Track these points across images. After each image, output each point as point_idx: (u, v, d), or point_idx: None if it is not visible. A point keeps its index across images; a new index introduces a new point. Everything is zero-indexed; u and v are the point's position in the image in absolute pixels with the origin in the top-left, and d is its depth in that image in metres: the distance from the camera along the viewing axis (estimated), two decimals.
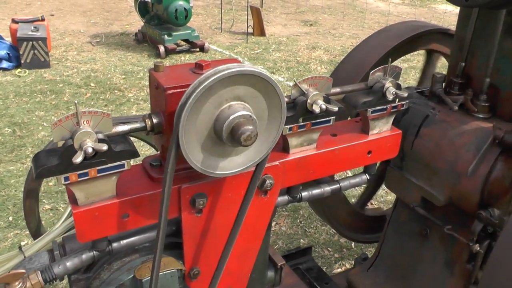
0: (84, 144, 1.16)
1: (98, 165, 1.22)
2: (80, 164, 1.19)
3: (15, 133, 5.25)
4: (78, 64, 7.49)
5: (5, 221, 3.90)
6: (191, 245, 1.50)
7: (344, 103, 1.67)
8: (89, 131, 1.18)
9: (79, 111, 1.17)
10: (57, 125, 1.17)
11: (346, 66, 2.51)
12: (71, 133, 1.19)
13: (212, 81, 1.13)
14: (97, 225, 1.31)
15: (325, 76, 1.51)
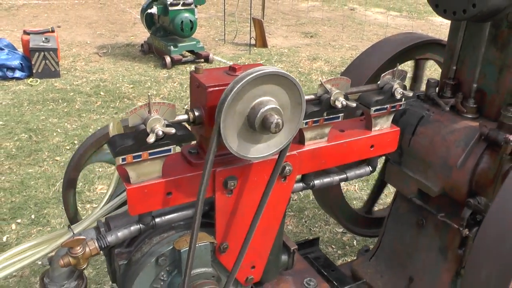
0: (155, 128, 1.43)
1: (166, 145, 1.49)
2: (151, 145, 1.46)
3: (31, 139, 5.50)
4: (87, 74, 7.76)
5: (28, 218, 4.14)
6: (222, 222, 1.76)
7: (359, 101, 1.94)
8: (158, 118, 1.45)
9: (151, 102, 1.45)
10: (133, 113, 1.44)
11: (352, 72, 2.78)
12: (143, 120, 1.46)
13: (248, 80, 1.41)
14: (145, 200, 1.58)
15: (345, 78, 1.80)
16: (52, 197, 4.41)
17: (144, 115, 1.48)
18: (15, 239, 3.88)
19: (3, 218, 4.12)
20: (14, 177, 4.73)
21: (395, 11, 14.02)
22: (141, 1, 13.93)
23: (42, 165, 4.98)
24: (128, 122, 1.48)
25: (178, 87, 7.13)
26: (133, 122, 1.48)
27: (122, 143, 1.47)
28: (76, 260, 1.60)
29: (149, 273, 1.74)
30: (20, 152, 5.21)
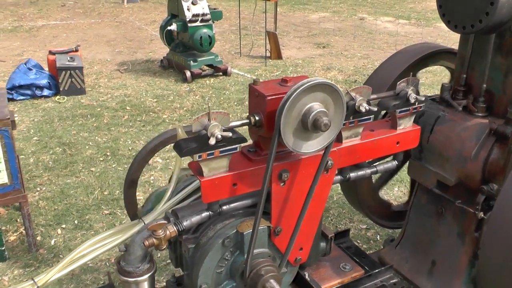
0: (215, 133, 1.78)
1: (223, 147, 1.83)
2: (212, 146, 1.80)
3: (65, 152, 5.87)
4: (111, 90, 8.14)
5: (72, 224, 4.48)
6: (276, 209, 2.11)
7: (379, 106, 2.29)
8: (217, 124, 1.79)
9: (211, 111, 1.79)
10: (196, 121, 1.79)
11: (374, 80, 3.12)
12: (203, 126, 1.80)
13: (303, 89, 1.76)
14: (215, 190, 1.92)
15: (367, 86, 2.14)
16: (92, 204, 4.75)
17: (204, 122, 1.82)
18: (62, 242, 4.22)
19: (49, 224, 4.46)
20: (54, 187, 5.09)
21: (404, 19, 14.36)
22: (155, 18, 14.41)
23: (78, 175, 5.32)
24: (192, 129, 1.82)
25: (200, 100, 7.49)
26: (196, 128, 1.83)
27: (187, 146, 1.81)
28: (158, 241, 1.95)
29: (216, 253, 2.08)
30: (57, 164, 5.57)
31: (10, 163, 3.84)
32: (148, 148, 2.69)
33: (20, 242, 4.24)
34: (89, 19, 14.56)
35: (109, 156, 5.70)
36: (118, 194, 4.88)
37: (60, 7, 16.39)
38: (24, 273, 3.85)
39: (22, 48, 11.06)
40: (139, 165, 2.72)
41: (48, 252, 4.09)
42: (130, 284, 2.21)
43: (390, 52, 10.32)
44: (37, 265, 3.95)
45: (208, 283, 2.11)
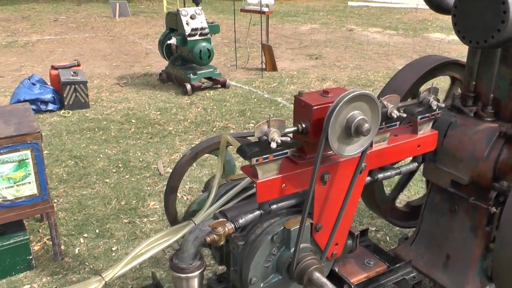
0: (275, 138, 2.02)
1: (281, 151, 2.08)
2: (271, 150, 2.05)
3: (78, 165, 6.05)
4: (114, 103, 8.34)
5: (93, 233, 4.66)
6: (318, 207, 2.35)
7: (405, 112, 2.56)
8: (276, 131, 2.04)
9: (270, 119, 2.04)
10: (258, 128, 2.03)
11: (389, 89, 3.39)
12: (263, 132, 2.05)
13: (348, 99, 2.01)
14: (268, 191, 2.16)
15: (396, 95, 2.41)
16: (110, 214, 4.94)
17: (264, 129, 2.07)
18: (86, 250, 4.40)
19: (71, 234, 4.64)
20: (71, 198, 5.27)
21: (391, 29, 14.75)
22: (147, 32, 14.66)
23: (94, 187, 5.51)
24: (255, 134, 2.07)
25: (202, 112, 7.72)
26: (258, 134, 2.07)
27: (250, 150, 2.05)
28: (218, 237, 2.19)
29: (266, 248, 2.32)
30: (71, 177, 5.75)
31: (39, 175, 4.04)
32: (188, 157, 2.92)
33: (45, 251, 4.41)
34: (83, 33, 14.76)
35: (121, 168, 5.90)
36: (135, 204, 5.07)
37: (52, 22, 16.57)
38: (53, 281, 4.03)
39: (19, 63, 11.22)
40: (180, 173, 2.95)
41: (73, 260, 4.28)
42: (182, 280, 2.43)
43: (382, 63, 10.71)
44: (64, 272, 4.12)
45: (257, 276, 2.34)
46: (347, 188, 2.33)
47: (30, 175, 4.00)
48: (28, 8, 19.32)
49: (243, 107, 7.86)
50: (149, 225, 4.69)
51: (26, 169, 3.98)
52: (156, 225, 4.68)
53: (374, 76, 9.64)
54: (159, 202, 5.09)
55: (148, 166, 5.91)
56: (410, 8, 19.21)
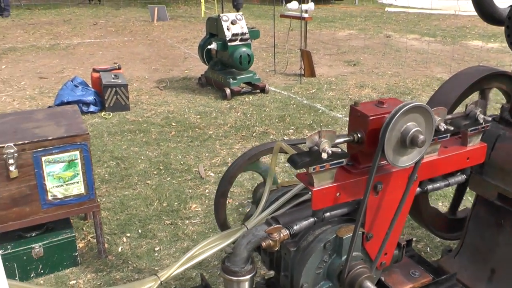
0: (325, 149, 2.06)
1: (331, 161, 2.11)
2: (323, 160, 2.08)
3: (119, 165, 6.17)
4: (154, 106, 8.47)
5: (136, 233, 4.75)
6: (370, 216, 2.38)
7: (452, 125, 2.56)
8: (327, 141, 2.07)
9: (321, 130, 2.07)
10: (309, 138, 2.07)
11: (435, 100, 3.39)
12: (314, 143, 2.08)
13: (405, 110, 2.03)
14: (323, 199, 2.20)
15: (443, 107, 2.42)
16: (152, 215, 5.03)
17: (315, 139, 2.10)
18: (129, 249, 4.49)
19: (113, 233, 4.74)
20: (113, 198, 5.38)
21: (429, 36, 14.61)
22: (185, 36, 14.81)
23: (135, 188, 5.62)
24: (306, 144, 2.11)
25: (242, 117, 7.78)
26: (309, 144, 2.11)
27: (301, 160, 2.09)
28: (274, 243, 2.23)
29: (318, 255, 2.35)
30: (112, 177, 5.87)
31: (87, 175, 4.15)
32: (239, 162, 2.97)
33: (89, 249, 4.52)
34: (122, 37, 15.00)
35: (162, 170, 5.99)
36: (177, 206, 5.15)
37: (92, 26, 16.88)
38: (97, 277, 4.14)
39: (61, 65, 11.46)
40: (231, 178, 3.00)
41: (116, 259, 4.37)
42: (233, 283, 2.48)
43: (420, 70, 10.63)
44: (108, 270, 4.22)
45: (308, 282, 2.38)
46: (399, 199, 2.35)
47: (79, 175, 4.12)
48: (69, 12, 19.71)
49: (282, 112, 7.90)
50: (191, 227, 4.76)
51: (75, 169, 4.10)
52: (198, 228, 4.75)
53: (412, 84, 9.58)
54: (200, 205, 5.16)
55: (189, 169, 5.99)
56: (448, 15, 19.01)
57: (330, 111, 7.96)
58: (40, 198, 4.04)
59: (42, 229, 4.21)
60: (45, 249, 4.14)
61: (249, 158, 2.99)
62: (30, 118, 4.39)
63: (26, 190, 3.95)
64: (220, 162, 6.15)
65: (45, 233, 4.21)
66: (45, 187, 4.03)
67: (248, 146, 6.60)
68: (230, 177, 3.01)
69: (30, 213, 3.99)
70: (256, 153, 2.99)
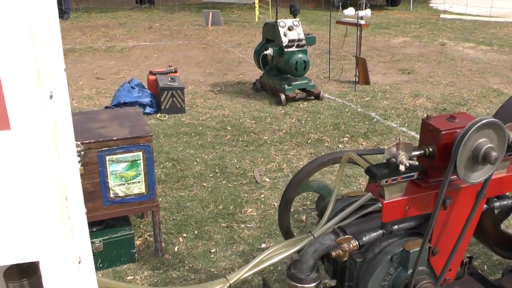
0: (403, 162, 2.08)
1: (406, 173, 2.14)
2: (400, 172, 2.11)
3: (175, 167, 6.31)
4: (209, 110, 8.60)
5: (192, 234, 4.86)
6: (437, 231, 2.39)
7: None
8: (405, 154, 2.10)
9: (399, 142, 2.10)
10: (388, 150, 2.10)
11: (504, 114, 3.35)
12: (393, 155, 2.11)
13: (479, 126, 2.04)
14: (393, 212, 2.22)
15: None
16: (208, 217, 5.13)
17: (393, 151, 2.13)
18: (185, 250, 4.60)
19: (170, 232, 4.86)
20: (169, 199, 5.51)
21: (485, 45, 14.30)
22: (239, 41, 14.94)
23: (191, 189, 5.73)
24: (384, 156, 2.14)
25: (297, 123, 7.82)
26: (387, 156, 2.14)
27: (379, 172, 2.12)
28: (343, 253, 2.27)
29: (384, 268, 2.38)
30: (169, 178, 6.01)
31: (148, 175, 4.28)
32: (306, 170, 3.02)
33: (146, 246, 4.66)
34: (177, 40, 15.25)
35: (218, 173, 6.09)
36: (232, 209, 5.23)
37: (147, 29, 17.21)
38: (154, 275, 4.26)
39: (117, 67, 11.75)
40: (297, 186, 3.05)
41: (173, 258, 4.49)
42: None
43: (476, 80, 10.44)
44: (165, 268, 4.34)
45: None
46: (467, 215, 2.35)
47: (140, 175, 4.24)
48: (124, 16, 20.17)
49: (337, 120, 7.90)
50: (246, 231, 4.83)
51: (137, 169, 4.23)
52: (254, 232, 4.82)
53: (468, 95, 9.41)
54: (256, 209, 5.23)
55: (244, 173, 6.07)
56: (506, 23, 18.54)
57: (385, 120, 7.91)
58: (102, 195, 4.20)
59: (102, 225, 4.39)
60: (105, 245, 4.30)
61: (316, 166, 3.03)
62: (95, 118, 4.56)
63: (90, 187, 4.11)
64: (275, 168, 6.21)
65: (105, 229, 4.39)
66: (108, 185, 4.18)
67: (303, 153, 6.64)
68: (297, 184, 3.05)
69: (93, 209, 4.14)
70: (323, 162, 3.02)
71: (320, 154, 6.52)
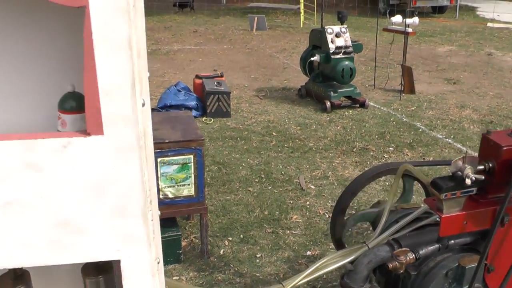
0: (469, 175, 2.10)
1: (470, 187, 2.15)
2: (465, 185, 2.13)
3: (221, 170, 6.39)
4: (254, 115, 8.67)
5: (237, 237, 4.92)
6: (493, 248, 2.39)
7: None
8: (471, 168, 2.12)
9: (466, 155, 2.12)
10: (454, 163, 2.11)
11: None
12: (458, 168, 2.13)
13: None
14: (451, 226, 2.24)
15: None
16: (254, 222, 5.19)
17: (459, 165, 2.15)
18: (230, 253, 4.66)
19: (216, 235, 4.94)
20: (215, 202, 5.59)
21: None
22: (284, 46, 15.01)
23: (237, 193, 5.80)
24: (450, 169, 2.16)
25: (342, 131, 7.83)
26: (453, 169, 2.16)
27: (445, 185, 2.14)
28: (400, 265, 2.29)
29: (439, 282, 2.40)
30: (214, 181, 6.09)
31: (198, 178, 4.38)
32: (361, 179, 3.05)
33: (191, 248, 4.75)
34: (221, 45, 15.41)
35: (264, 178, 6.15)
36: (278, 215, 5.28)
37: (192, 33, 17.43)
38: (199, 276, 4.34)
39: (162, 69, 11.94)
40: (352, 195, 3.08)
41: (218, 260, 4.56)
42: None
43: None
44: (210, 270, 4.41)
45: None
46: None
47: (190, 178, 4.34)
48: (170, 19, 20.46)
49: (382, 129, 7.87)
50: (292, 238, 4.87)
51: (187, 172, 4.32)
52: (299, 239, 4.85)
53: None
54: (301, 216, 5.27)
55: (290, 179, 6.11)
56: None
57: (430, 130, 7.85)
58: None
59: None
60: None
61: (372, 177, 3.05)
62: None
63: None
64: (320, 176, 6.24)
65: None
66: (158, 187, 4.27)
67: (348, 162, 6.64)
68: (352, 193, 3.08)
69: None
70: (379, 172, 3.04)
71: (366, 163, 6.53)
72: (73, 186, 1.34)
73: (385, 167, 3.05)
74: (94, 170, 1.32)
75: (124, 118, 1.27)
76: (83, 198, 1.34)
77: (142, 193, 1.33)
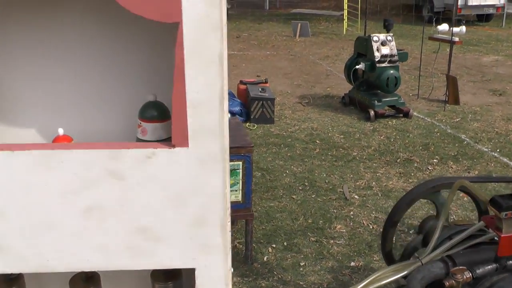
0: None
1: None
2: None
3: (264, 177, 6.44)
4: (297, 122, 8.70)
5: (281, 245, 4.95)
6: None
7: None
8: None
9: None
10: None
11: None
12: None
13: None
14: (510, 246, 2.23)
15: None
16: (297, 230, 5.21)
17: None
18: (274, 260, 4.69)
19: (259, 242, 4.98)
20: (259, 208, 5.63)
21: None
22: (327, 53, 15.00)
23: (280, 201, 5.84)
24: None
25: (385, 141, 7.79)
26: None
27: (507, 203, 2.14)
28: (457, 284, 2.30)
29: None
30: (258, 187, 6.14)
31: (246, 185, 4.42)
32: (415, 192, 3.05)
33: (235, 253, 4.77)
34: (264, 51, 15.49)
35: (307, 186, 6.18)
36: (321, 224, 5.30)
37: (235, 39, 17.55)
38: (243, 282, 4.38)
39: None
40: (405, 207, 3.08)
41: (262, 267, 4.60)
42: None
43: None
44: (254, 277, 4.45)
45: None
46: None
47: (238, 184, 4.39)
48: None
49: (426, 140, 7.80)
50: (335, 248, 4.88)
51: (235, 178, 4.37)
52: (343, 249, 4.85)
53: None
54: (345, 226, 5.27)
55: (333, 188, 6.12)
56: None
57: (475, 143, 7.73)
58: None
59: None
60: None
61: (426, 190, 3.05)
62: None
63: None
64: (364, 186, 6.22)
65: None
66: None
67: (392, 172, 6.61)
68: (405, 207, 3.09)
69: None
70: (434, 186, 3.04)
71: (410, 175, 6.49)
72: (154, 195, 1.39)
73: (439, 182, 3.04)
74: (177, 181, 1.37)
75: (210, 131, 1.32)
76: (164, 207, 1.40)
77: (223, 204, 1.38)
